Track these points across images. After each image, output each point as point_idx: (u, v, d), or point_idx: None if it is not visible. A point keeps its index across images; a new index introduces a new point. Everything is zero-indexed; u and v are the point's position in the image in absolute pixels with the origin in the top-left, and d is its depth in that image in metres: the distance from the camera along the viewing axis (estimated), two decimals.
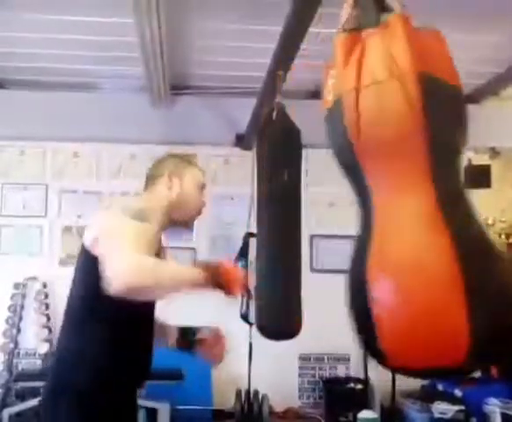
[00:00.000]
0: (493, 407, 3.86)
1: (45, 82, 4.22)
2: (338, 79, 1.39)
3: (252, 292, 3.88)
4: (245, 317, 3.98)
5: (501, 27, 3.30)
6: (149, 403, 3.85)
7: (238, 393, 4.10)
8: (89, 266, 1.61)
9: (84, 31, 3.37)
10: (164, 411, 3.65)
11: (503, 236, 6.63)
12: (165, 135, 4.46)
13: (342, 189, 5.59)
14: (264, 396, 4.08)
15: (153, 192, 1.87)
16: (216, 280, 1.61)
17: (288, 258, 2.51)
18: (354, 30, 1.39)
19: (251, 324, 3.90)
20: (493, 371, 4.46)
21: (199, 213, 1.92)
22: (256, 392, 4.09)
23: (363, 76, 1.30)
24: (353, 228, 5.45)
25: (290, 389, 4.47)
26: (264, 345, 3.11)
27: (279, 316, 2.52)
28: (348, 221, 5.23)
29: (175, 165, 1.91)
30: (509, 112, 4.46)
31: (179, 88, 4.29)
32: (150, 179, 1.91)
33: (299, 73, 3.45)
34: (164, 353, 2.00)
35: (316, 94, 4.44)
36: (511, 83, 4.02)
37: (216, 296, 2.66)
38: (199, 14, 3.16)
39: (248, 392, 4.06)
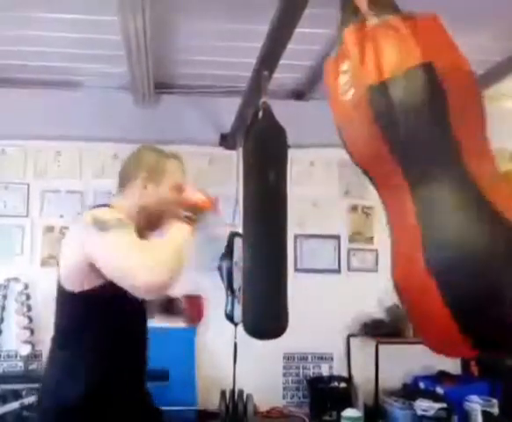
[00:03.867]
0: (474, 404, 3.92)
1: (27, 79, 4.17)
2: (357, 73, 1.40)
3: (238, 292, 3.89)
4: (230, 317, 3.98)
5: (482, 29, 3.35)
6: None
7: (223, 393, 4.10)
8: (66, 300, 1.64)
9: (68, 28, 3.34)
10: None
11: None
12: (149, 135, 4.41)
13: (325, 189, 5.63)
14: (249, 396, 4.08)
15: (125, 198, 1.75)
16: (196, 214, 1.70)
17: (274, 258, 2.52)
18: (363, 23, 1.43)
19: (236, 324, 3.90)
20: (474, 369, 4.53)
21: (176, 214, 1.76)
22: (241, 392, 4.09)
23: (385, 69, 1.35)
24: (336, 227, 5.48)
25: (275, 388, 4.48)
26: (248, 344, 3.12)
27: (264, 315, 2.53)
28: (331, 220, 5.27)
29: (151, 166, 1.75)
30: (489, 113, 4.53)
31: (163, 87, 4.28)
32: (124, 179, 1.78)
33: (282, 73, 3.46)
34: (148, 354, 1.98)
35: (299, 95, 4.46)
36: (491, 84, 4.09)
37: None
38: (184, 13, 3.15)
39: (233, 392, 4.06)
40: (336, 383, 4.40)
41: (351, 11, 1.46)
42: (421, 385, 4.36)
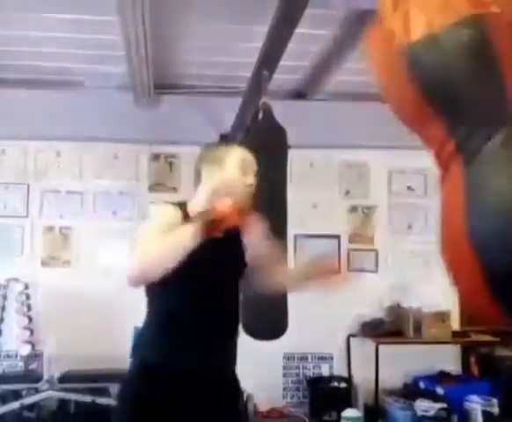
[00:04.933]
0: (475, 404, 3.92)
1: (27, 80, 4.17)
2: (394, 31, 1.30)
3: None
4: None
5: None
6: None
7: None
8: None
9: (68, 28, 3.34)
10: None
11: None
12: (149, 135, 4.44)
13: (325, 189, 5.61)
14: (249, 396, 4.08)
15: (199, 192, 1.83)
16: (208, 221, 1.61)
17: None
18: None
19: None
20: (474, 369, 4.54)
21: (247, 196, 1.80)
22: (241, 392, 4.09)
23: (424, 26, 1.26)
24: (335, 227, 5.45)
25: (275, 388, 4.48)
26: (249, 345, 3.11)
27: (265, 316, 2.53)
28: (331, 221, 5.26)
29: (212, 156, 1.84)
30: None
31: (163, 87, 4.28)
32: (196, 179, 1.87)
33: (282, 73, 3.47)
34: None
35: (299, 95, 4.46)
36: None
37: None
38: (184, 13, 3.16)
39: None
40: (336, 383, 4.40)
41: None
42: (421, 385, 4.36)
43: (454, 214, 1.27)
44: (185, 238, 1.58)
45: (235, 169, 1.78)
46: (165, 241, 1.60)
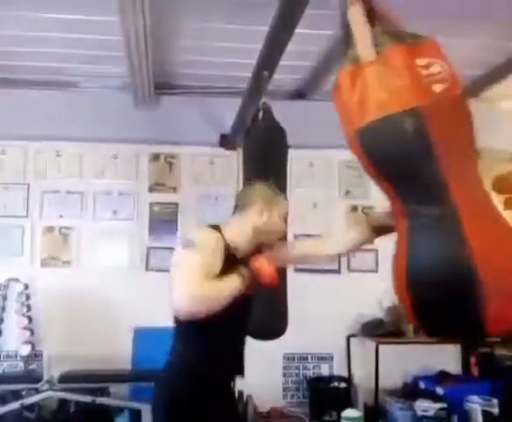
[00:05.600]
0: (475, 405, 3.92)
1: (27, 80, 4.17)
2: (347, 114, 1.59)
3: None
4: None
5: (482, 29, 3.35)
6: (133, 404, 3.83)
7: None
8: None
9: (68, 29, 3.34)
10: (148, 411, 3.63)
11: None
12: (149, 135, 4.44)
13: (325, 189, 5.60)
14: (249, 397, 4.08)
15: (241, 220, 2.06)
16: (253, 276, 1.87)
17: None
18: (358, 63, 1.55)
19: None
20: (474, 369, 4.54)
21: (279, 238, 2.14)
22: (241, 392, 4.09)
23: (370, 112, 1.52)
24: (335, 228, 5.41)
25: (275, 388, 4.48)
26: (248, 345, 3.12)
27: (265, 316, 2.53)
28: (331, 221, 5.26)
29: (266, 198, 2.09)
30: (489, 114, 4.53)
31: (163, 87, 4.28)
32: (242, 206, 2.10)
33: (282, 74, 3.47)
34: (148, 355, 2.02)
35: (299, 95, 4.46)
36: (490, 85, 4.09)
37: None
38: (184, 14, 3.16)
39: None
40: (336, 383, 4.40)
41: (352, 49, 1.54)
42: (421, 385, 4.36)
43: (400, 260, 1.62)
44: (234, 289, 1.82)
45: (280, 218, 2.09)
46: (219, 288, 1.80)
